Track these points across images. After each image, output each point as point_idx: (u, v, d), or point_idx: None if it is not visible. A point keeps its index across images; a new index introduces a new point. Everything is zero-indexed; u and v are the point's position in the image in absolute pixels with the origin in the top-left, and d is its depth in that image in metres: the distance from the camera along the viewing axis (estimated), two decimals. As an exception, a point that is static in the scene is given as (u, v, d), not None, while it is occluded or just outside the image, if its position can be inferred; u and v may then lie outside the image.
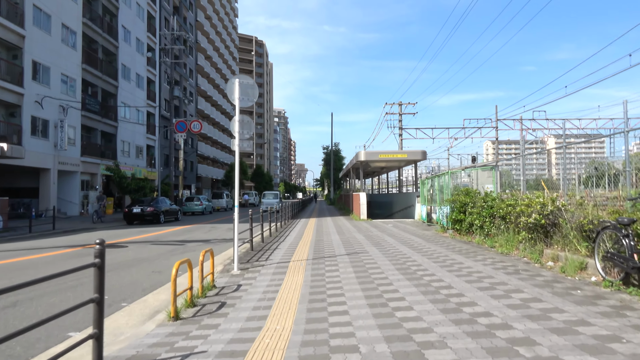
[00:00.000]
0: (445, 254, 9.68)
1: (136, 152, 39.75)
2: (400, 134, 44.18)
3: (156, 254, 11.60)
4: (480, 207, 11.69)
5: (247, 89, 8.82)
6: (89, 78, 32.30)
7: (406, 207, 25.34)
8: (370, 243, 12.25)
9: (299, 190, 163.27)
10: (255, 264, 9.07)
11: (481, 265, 8.02)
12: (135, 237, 16.64)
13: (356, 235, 14.57)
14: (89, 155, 31.87)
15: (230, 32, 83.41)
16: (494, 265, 7.98)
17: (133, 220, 24.33)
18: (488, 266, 7.93)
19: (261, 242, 13.12)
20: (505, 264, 8.08)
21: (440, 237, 13.25)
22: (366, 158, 22.96)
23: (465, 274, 7.28)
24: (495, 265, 7.97)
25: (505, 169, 42.52)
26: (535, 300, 5.44)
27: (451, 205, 13.75)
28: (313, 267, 8.52)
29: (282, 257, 9.89)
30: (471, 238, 12.19)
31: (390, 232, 15.43)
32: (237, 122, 8.71)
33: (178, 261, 5.50)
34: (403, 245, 11.45)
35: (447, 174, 15.38)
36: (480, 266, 7.97)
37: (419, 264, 8.46)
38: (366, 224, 20.29)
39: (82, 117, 31.18)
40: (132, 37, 38.98)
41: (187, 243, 14.33)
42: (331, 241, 12.95)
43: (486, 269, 7.62)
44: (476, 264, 8.24)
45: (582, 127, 50.11)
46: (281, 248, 11.64)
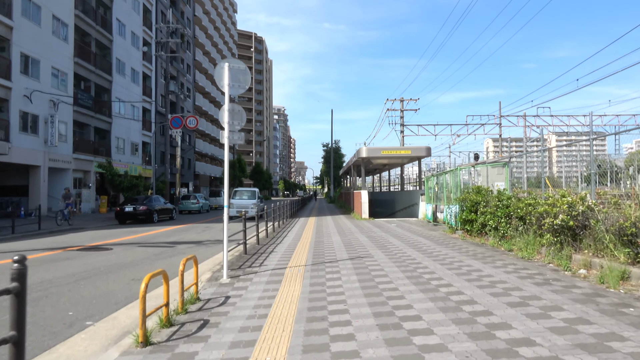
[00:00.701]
0: (459, 258, 8.73)
1: (131, 149, 38.76)
2: (401, 130, 43.21)
3: (141, 258, 10.64)
4: (495, 206, 10.73)
5: (238, 74, 7.86)
6: (81, 72, 31.30)
7: (409, 205, 24.38)
8: (374, 245, 11.30)
9: (298, 188, 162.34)
10: (247, 271, 8.12)
11: (503, 273, 7.07)
12: (124, 238, 15.68)
13: (358, 237, 13.61)
14: (82, 152, 30.89)
15: (229, 28, 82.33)
16: (518, 274, 7.02)
17: (125, 219, 23.38)
18: (511, 274, 6.97)
19: (256, 244, 12.17)
20: (531, 272, 7.12)
21: (449, 239, 12.30)
22: (368, 154, 21.99)
23: (487, 284, 6.32)
24: (520, 274, 7.01)
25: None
26: (583, 322, 4.48)
27: (461, 204, 12.79)
28: (312, 274, 7.57)
29: (278, 262, 8.93)
30: (484, 240, 11.23)
31: (395, 233, 14.48)
32: (227, 111, 7.74)
33: (149, 274, 4.55)
34: (410, 248, 10.50)
35: (455, 170, 14.42)
36: (502, 274, 7.01)
37: (432, 271, 7.50)
38: (368, 223, 19.34)
39: (74, 113, 30.19)
40: (127, 30, 37.95)
41: (177, 245, 13.38)
42: (332, 243, 12.00)
43: (510, 278, 6.66)
44: (497, 271, 7.28)
45: (587, 123, 49.16)
46: (277, 251, 10.69)
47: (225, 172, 7.81)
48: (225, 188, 7.74)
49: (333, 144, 66.84)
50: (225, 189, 7.74)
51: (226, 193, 7.75)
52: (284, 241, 12.84)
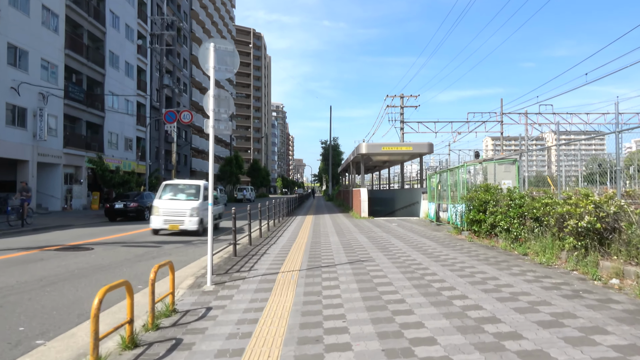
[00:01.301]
0: (470, 263, 7.89)
1: (125, 144, 37.84)
2: (401, 127, 42.40)
3: (122, 260, 9.79)
4: (507, 206, 9.90)
5: (225, 56, 7.00)
6: (72, 65, 30.35)
7: (410, 204, 23.57)
8: (375, 247, 10.46)
9: (297, 185, 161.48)
10: (234, 277, 7.27)
11: (523, 283, 6.23)
12: (109, 236, 14.82)
13: (358, 237, 12.78)
14: (73, 147, 29.96)
15: (226, 23, 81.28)
16: (541, 283, 6.18)
17: (115, 216, 22.49)
18: (533, 284, 6.14)
19: (248, 244, 11.33)
20: (555, 281, 6.29)
21: (455, 240, 11.46)
22: (368, 151, 21.14)
23: (508, 296, 5.49)
24: (542, 283, 6.18)
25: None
26: (637, 350, 3.65)
27: (467, 204, 11.96)
28: (307, 281, 6.73)
29: (270, 266, 8.09)
30: (494, 242, 10.40)
31: (397, 233, 13.64)
32: (212, 97, 6.88)
33: (105, 287, 3.72)
34: (415, 251, 9.66)
35: (461, 167, 13.57)
36: (523, 284, 6.18)
37: (441, 278, 6.67)
38: (368, 222, 18.50)
39: (65, 106, 29.26)
40: (121, 23, 36.99)
41: (164, 245, 12.53)
42: (329, 244, 11.16)
43: (533, 289, 5.83)
44: (515, 280, 6.45)
45: (589, 121, 48.40)
46: (270, 253, 9.84)
47: (209, 166, 6.96)
48: (210, 183, 6.90)
49: (332, 141, 65.97)
50: (210, 184, 6.90)
51: (210, 189, 6.91)
52: (279, 241, 12.00)
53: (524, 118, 48.20)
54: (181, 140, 51.29)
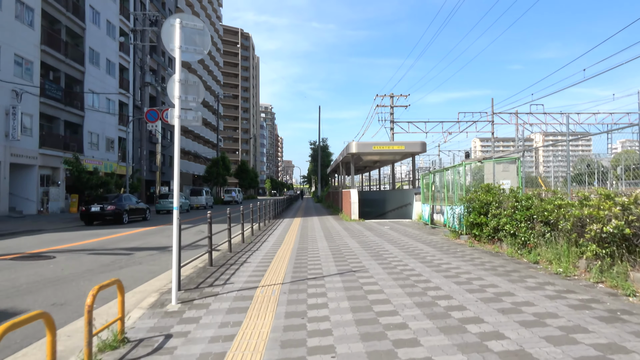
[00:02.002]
0: (477, 274, 6.94)
1: (106, 144, 36.48)
2: (391, 127, 41.63)
3: (83, 270, 8.69)
4: (512, 208, 8.98)
5: (194, 35, 5.99)
6: (49, 61, 28.99)
7: (402, 205, 22.67)
8: (367, 254, 9.48)
9: (286, 187, 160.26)
10: (206, 292, 6.24)
11: (545, 300, 5.29)
12: (79, 242, 13.66)
13: (348, 242, 11.79)
14: (50, 147, 28.59)
15: (213, 22, 79.96)
16: (565, 300, 5.24)
17: (92, 220, 21.27)
18: (557, 301, 5.20)
19: (228, 251, 10.30)
20: (582, 297, 5.35)
21: (454, 245, 10.52)
22: (358, 150, 20.19)
23: (532, 319, 4.53)
24: (568, 300, 5.24)
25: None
26: None
27: (467, 205, 11.04)
28: (290, 298, 5.73)
29: (249, 279, 7.07)
30: (498, 247, 9.48)
31: (390, 237, 12.68)
32: (177, 82, 5.85)
33: (6, 324, 2.68)
34: (412, 258, 8.70)
35: (459, 166, 12.66)
36: (545, 301, 5.23)
37: (447, 294, 5.70)
38: (358, 225, 17.54)
39: (42, 105, 27.90)
40: (102, 18, 35.65)
41: (137, 252, 11.42)
42: (317, 251, 10.16)
43: (560, 309, 4.88)
44: (534, 295, 5.51)
45: (580, 121, 48.07)
46: (251, 261, 8.82)
47: (175, 164, 5.91)
48: (175, 182, 5.87)
49: (321, 142, 64.99)
50: (175, 183, 5.87)
51: (176, 191, 5.87)
52: (262, 248, 10.97)
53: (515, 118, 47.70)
54: (166, 141, 49.99)
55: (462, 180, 12.19)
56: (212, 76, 77.36)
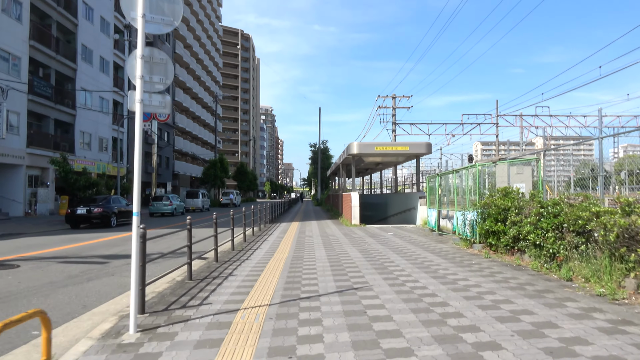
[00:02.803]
0: (503, 294, 5.80)
1: (99, 145, 35.39)
2: (393, 129, 40.57)
3: (44, 283, 7.56)
4: (536, 214, 7.85)
5: (162, 2, 4.89)
6: (39, 57, 27.93)
7: (405, 210, 21.54)
8: (370, 266, 8.35)
9: (286, 190, 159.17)
10: (175, 316, 5.11)
11: (601, 335, 4.16)
12: (55, 248, 12.54)
13: (349, 250, 10.66)
14: (38, 147, 27.50)
15: (213, 22, 78.98)
16: (629, 337, 4.11)
17: (78, 223, 20.16)
18: (617, 338, 4.07)
19: (214, 261, 9.18)
20: (646, 332, 4.22)
21: (468, 256, 9.39)
22: (360, 151, 19.07)
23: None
24: (631, 336, 4.10)
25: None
26: None
27: (481, 211, 9.92)
28: (277, 327, 4.60)
29: (231, 298, 5.94)
30: (519, 260, 8.35)
31: (394, 245, 11.55)
32: (139, 59, 4.74)
33: None
34: (422, 272, 7.56)
35: (470, 168, 11.53)
36: (601, 337, 4.10)
37: (473, 324, 4.57)
38: (359, 231, 16.41)
39: (30, 102, 26.82)
40: (96, 15, 34.62)
41: (113, 260, 10.30)
42: (314, 261, 9.02)
43: (625, 349, 3.75)
44: (583, 327, 4.38)
45: (587, 124, 47.04)
46: (238, 274, 7.69)
47: (135, 162, 4.80)
48: (135, 187, 4.76)
49: (321, 144, 63.91)
50: (136, 185, 4.75)
51: (136, 194, 4.76)
52: (253, 256, 9.85)
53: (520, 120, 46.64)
54: (162, 142, 48.91)
55: (474, 183, 11.06)
56: (211, 77, 76.34)
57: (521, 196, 9.38)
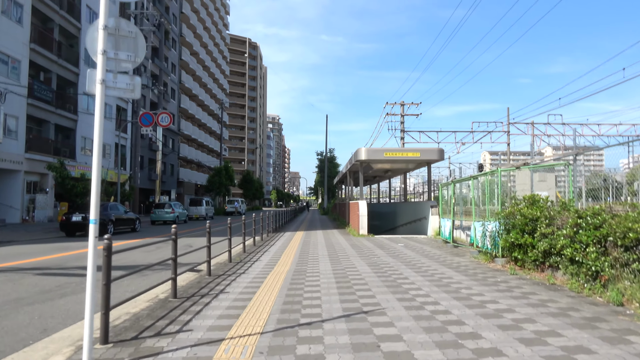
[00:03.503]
0: (546, 323, 4.78)
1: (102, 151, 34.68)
2: (402, 137, 39.68)
3: (8, 299, 6.64)
4: (573, 226, 6.84)
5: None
6: (40, 61, 27.34)
7: (415, 219, 20.50)
8: (381, 282, 7.36)
9: (292, 198, 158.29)
10: (144, 348, 4.15)
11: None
12: (39, 257, 11.65)
13: (357, 264, 9.67)
14: (37, 152, 26.80)
15: (220, 29, 78.75)
16: None
17: (74, 231, 19.31)
18: None
19: (207, 274, 8.23)
20: None
21: (491, 272, 8.35)
22: (368, 157, 18.10)
23: None
24: None
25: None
26: None
27: (504, 221, 8.91)
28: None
29: (216, 323, 4.98)
30: (552, 278, 7.31)
31: (407, 258, 10.54)
32: (101, 30, 3.84)
33: None
34: (442, 292, 6.55)
35: (491, 173, 10.52)
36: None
37: (517, 365, 3.57)
38: (367, 241, 15.40)
39: (29, 106, 26.18)
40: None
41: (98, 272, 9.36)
42: (318, 276, 8.05)
43: None
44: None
45: (601, 133, 45.82)
46: (230, 291, 6.73)
47: (94, 154, 3.89)
48: (94, 183, 3.84)
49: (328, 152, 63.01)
50: (94, 185, 3.84)
51: (93, 203, 3.84)
52: (251, 269, 8.89)
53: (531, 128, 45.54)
54: (167, 149, 48.26)
55: (495, 191, 10.04)
56: (217, 84, 75.93)
57: (550, 205, 8.36)
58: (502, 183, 11.10)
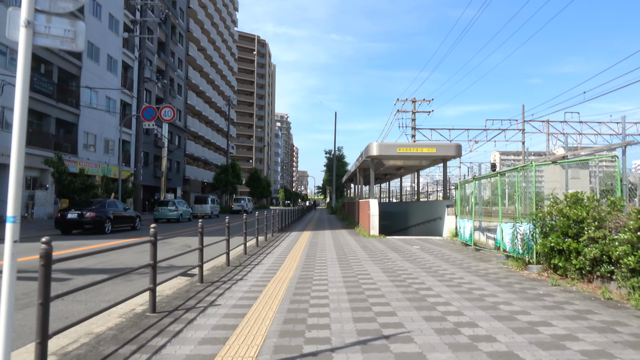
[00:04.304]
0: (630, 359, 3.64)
1: (105, 146, 33.85)
2: (413, 134, 38.49)
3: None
4: (635, 230, 5.67)
5: None
6: (40, 53, 26.48)
7: (429, 220, 19.33)
8: (401, 294, 6.23)
9: (300, 197, 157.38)
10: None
11: None
12: (21, 258, 10.65)
13: (370, 270, 8.55)
14: (37, 147, 25.94)
15: (228, 26, 77.85)
16: None
17: (70, 228, 18.37)
18: None
19: (198, 281, 7.16)
20: None
21: (528, 282, 7.18)
22: (380, 152, 16.95)
23: None
24: None
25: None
26: None
27: (540, 223, 7.74)
28: None
29: (196, 350, 3.89)
30: (605, 290, 6.13)
31: (425, 263, 9.40)
32: (27, -49, 2.75)
33: None
34: (476, 308, 5.41)
35: (522, 169, 9.33)
36: None
37: None
38: (379, 243, 14.27)
39: (29, 100, 25.22)
40: (104, 12, 33.24)
41: (80, 276, 8.35)
42: (326, 285, 6.94)
43: None
44: None
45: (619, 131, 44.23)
46: (222, 304, 5.65)
47: (14, 134, 2.82)
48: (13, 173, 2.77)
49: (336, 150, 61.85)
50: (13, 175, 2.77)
51: (13, 182, 2.77)
52: (250, 275, 7.81)
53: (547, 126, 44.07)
54: (173, 146, 47.38)
55: (531, 188, 8.85)
56: (225, 81, 75.06)
57: (597, 204, 7.18)
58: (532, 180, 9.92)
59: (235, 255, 10.81)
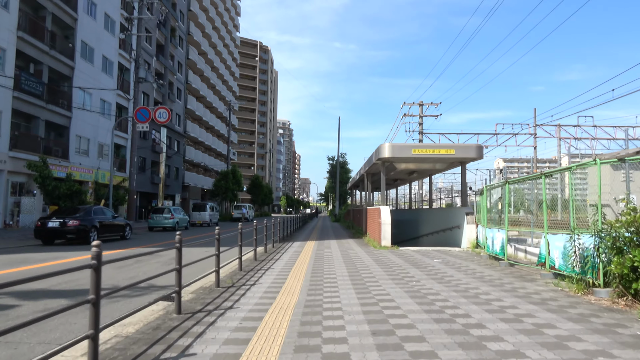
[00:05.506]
0: None
1: (99, 151, 32.30)
2: (420, 139, 36.90)
3: None
4: None
5: None
6: (30, 52, 25.04)
7: (445, 229, 17.66)
8: (445, 334, 4.57)
9: (302, 205, 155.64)
10: None
11: None
12: (-24, 276, 9.03)
13: (393, 293, 6.88)
14: (24, 150, 24.43)
15: (230, 30, 76.63)
16: None
17: (51, 238, 16.75)
18: None
19: (176, 311, 5.51)
20: None
21: (605, 312, 5.51)
22: (392, 154, 15.31)
23: None
24: None
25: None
26: None
27: (611, 236, 6.08)
28: None
29: None
30: None
31: (459, 284, 7.72)
32: None
33: None
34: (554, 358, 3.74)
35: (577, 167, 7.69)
36: None
37: None
38: (393, 255, 12.60)
39: (15, 100, 23.84)
40: (99, 11, 31.87)
41: (31, 301, 6.71)
42: (341, 318, 5.27)
43: None
44: None
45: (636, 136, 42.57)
46: (196, 354, 3.99)
47: None
48: None
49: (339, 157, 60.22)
50: None
51: None
52: (243, 302, 6.16)
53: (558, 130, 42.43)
54: (172, 151, 45.86)
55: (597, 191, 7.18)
56: (226, 86, 73.73)
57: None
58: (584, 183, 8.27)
59: (229, 271, 9.18)
